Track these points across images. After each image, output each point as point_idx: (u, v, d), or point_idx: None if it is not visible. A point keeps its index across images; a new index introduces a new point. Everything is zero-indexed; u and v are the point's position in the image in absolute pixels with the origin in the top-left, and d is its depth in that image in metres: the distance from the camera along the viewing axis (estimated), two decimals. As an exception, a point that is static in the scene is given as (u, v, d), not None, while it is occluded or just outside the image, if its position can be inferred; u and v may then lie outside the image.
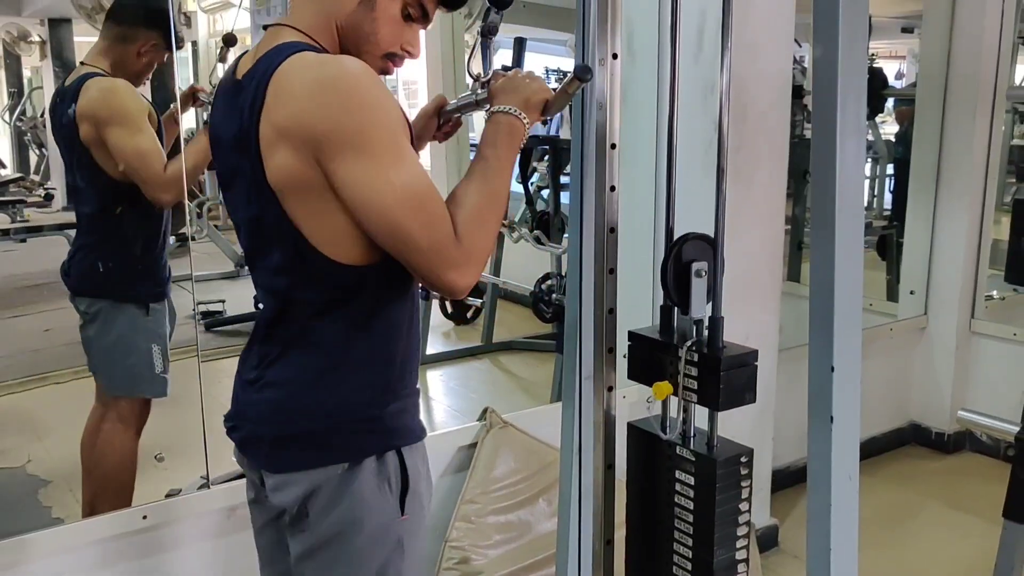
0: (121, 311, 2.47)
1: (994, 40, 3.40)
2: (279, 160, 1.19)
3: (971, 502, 3.25)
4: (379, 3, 1.28)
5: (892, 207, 5.11)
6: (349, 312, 1.28)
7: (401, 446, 1.34)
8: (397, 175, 1.18)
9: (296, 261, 1.26)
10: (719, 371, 1.45)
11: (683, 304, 1.51)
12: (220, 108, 1.33)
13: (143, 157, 2.35)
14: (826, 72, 1.32)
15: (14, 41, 6.80)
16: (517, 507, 2.44)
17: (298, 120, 1.17)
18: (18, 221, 5.68)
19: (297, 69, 1.18)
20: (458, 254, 1.21)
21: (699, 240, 1.51)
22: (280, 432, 1.32)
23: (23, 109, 7.25)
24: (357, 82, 1.17)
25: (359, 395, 1.31)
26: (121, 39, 2.43)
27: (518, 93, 1.34)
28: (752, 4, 2.36)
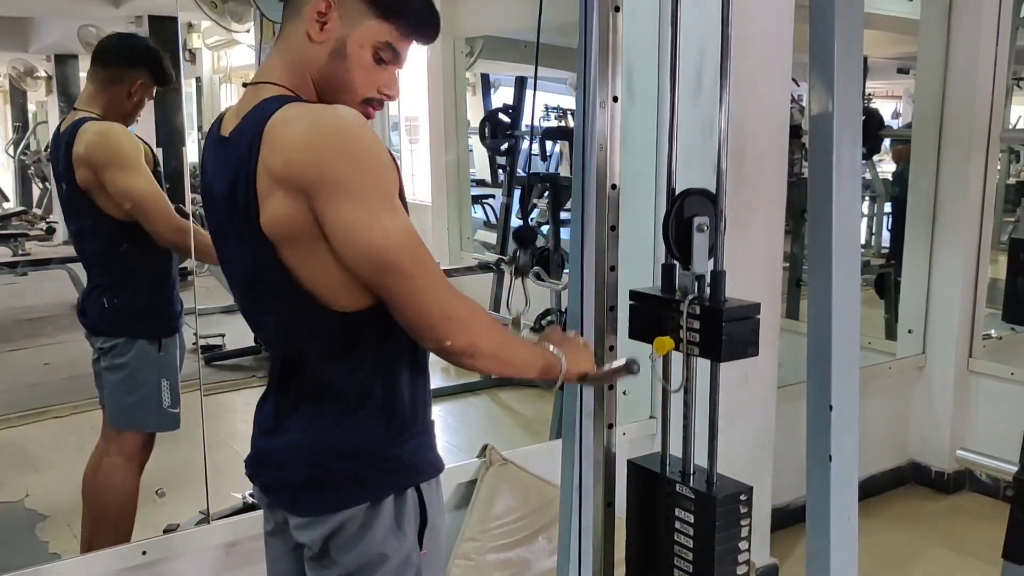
0: (134, 346, 2.48)
1: (988, 82, 3.45)
2: (273, 208, 1.20)
3: (971, 543, 3.24)
4: (350, 51, 1.28)
5: (890, 245, 5.15)
6: (355, 356, 1.30)
7: (420, 482, 1.36)
8: (390, 220, 1.19)
9: (295, 311, 1.28)
10: (721, 322, 1.45)
11: (685, 259, 1.52)
12: (210, 165, 1.34)
13: (142, 198, 2.35)
14: (823, 119, 1.35)
15: (20, 76, 6.89)
16: (517, 545, 2.43)
17: (292, 167, 1.18)
18: (20, 254, 5.71)
19: (291, 119, 1.20)
20: (452, 302, 1.22)
21: (700, 195, 1.52)
22: (303, 477, 1.33)
23: (27, 143, 7.32)
24: (351, 131, 1.19)
25: (376, 436, 1.32)
26: (110, 81, 2.46)
27: (571, 350, 1.41)
28: (750, 45, 2.40)
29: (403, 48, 1.33)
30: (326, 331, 1.28)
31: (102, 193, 2.38)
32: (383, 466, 1.33)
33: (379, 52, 1.30)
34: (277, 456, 1.38)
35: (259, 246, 1.24)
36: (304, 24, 1.28)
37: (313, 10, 1.27)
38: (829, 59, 1.33)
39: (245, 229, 1.24)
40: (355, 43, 1.28)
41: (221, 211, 1.31)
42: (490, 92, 7.96)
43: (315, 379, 1.32)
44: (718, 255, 1.50)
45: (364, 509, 1.31)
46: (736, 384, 2.49)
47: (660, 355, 1.53)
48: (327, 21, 1.27)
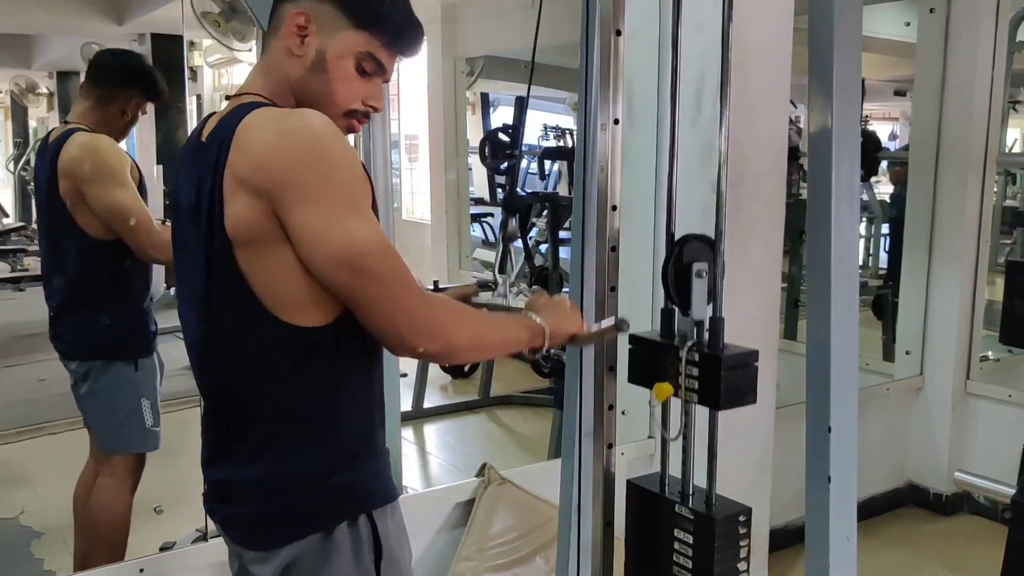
0: (110, 368, 2.46)
1: (984, 104, 3.48)
2: (237, 209, 1.18)
3: (969, 565, 3.23)
4: (330, 63, 1.27)
5: (888, 266, 5.16)
6: (305, 376, 1.26)
7: (372, 510, 1.32)
8: (356, 225, 1.17)
9: (247, 324, 1.24)
10: (720, 370, 1.45)
11: (684, 305, 1.52)
12: (182, 172, 1.32)
13: (128, 213, 2.33)
14: (821, 140, 1.36)
15: (22, 92, 6.92)
16: (514, 564, 2.43)
17: (257, 169, 1.17)
18: (18, 270, 5.72)
19: (258, 122, 1.20)
20: (419, 305, 1.20)
21: (699, 241, 1.53)
22: (255, 511, 1.31)
23: (27, 159, 7.34)
24: (318, 135, 1.18)
25: (327, 463, 1.29)
26: (104, 99, 2.46)
27: (555, 316, 1.39)
28: (749, 67, 2.42)
29: (386, 59, 1.32)
30: (277, 347, 1.24)
31: (82, 208, 2.35)
32: (334, 493, 1.29)
33: (361, 63, 1.29)
34: (227, 490, 1.34)
35: (218, 253, 1.21)
36: (284, 39, 1.28)
37: (292, 23, 1.27)
38: (828, 81, 1.34)
39: (206, 235, 1.22)
40: (335, 54, 1.27)
41: (186, 219, 1.28)
42: (489, 111, 8.01)
43: (260, 402, 1.28)
44: (717, 300, 1.51)
45: (318, 540, 1.28)
46: (734, 404, 2.49)
47: (659, 401, 1.53)
48: (306, 34, 1.27)
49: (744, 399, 1.49)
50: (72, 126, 2.43)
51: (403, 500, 2.43)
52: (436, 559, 2.43)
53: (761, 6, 2.45)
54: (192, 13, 3.66)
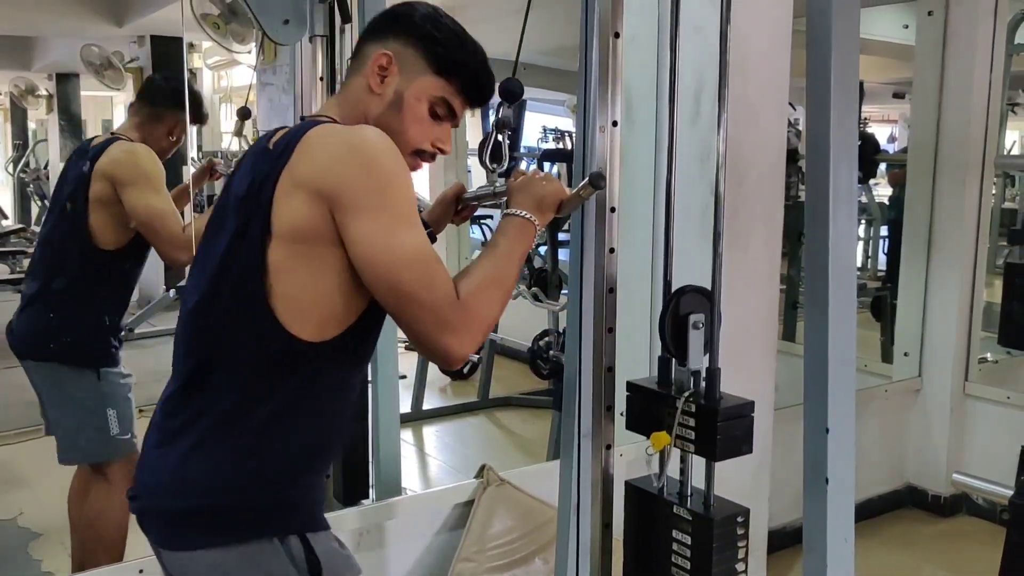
0: (72, 376, 2.47)
1: (983, 107, 3.49)
2: (291, 207, 1.23)
3: (967, 566, 3.23)
4: (406, 104, 1.35)
5: (886, 268, 5.17)
6: (282, 387, 1.27)
7: (305, 532, 1.30)
8: (407, 237, 1.22)
9: (247, 320, 1.25)
10: (716, 422, 1.46)
11: (681, 356, 1.54)
12: (240, 171, 1.37)
13: (163, 217, 2.41)
14: (819, 143, 1.36)
15: (22, 95, 6.92)
16: (513, 566, 2.43)
17: (320, 174, 1.22)
18: (18, 272, 5.72)
19: (325, 134, 1.27)
20: (457, 317, 1.22)
21: (696, 293, 1.54)
22: (182, 506, 1.28)
23: (27, 161, 7.34)
24: (380, 150, 1.24)
25: (268, 474, 1.28)
26: (153, 118, 2.57)
27: (533, 195, 1.41)
28: (748, 70, 2.42)
29: (458, 106, 1.39)
30: (266, 347, 1.25)
31: (104, 212, 2.41)
32: (269, 504, 1.28)
33: (435, 107, 1.37)
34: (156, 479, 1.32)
35: (252, 245, 1.24)
36: (365, 76, 1.36)
37: (375, 63, 1.35)
38: (825, 84, 1.35)
39: (243, 223, 1.25)
40: (412, 96, 1.35)
41: (230, 210, 1.31)
42: (489, 114, 8.01)
43: (225, 394, 1.27)
44: (713, 351, 1.52)
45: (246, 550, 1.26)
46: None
47: (657, 451, 1.54)
48: (387, 74, 1.35)
49: (740, 450, 1.51)
50: (118, 135, 2.53)
51: (403, 502, 2.46)
52: (435, 560, 2.43)
53: (759, 9, 2.45)
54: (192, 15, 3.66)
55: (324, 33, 2.37)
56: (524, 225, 1.38)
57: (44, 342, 2.45)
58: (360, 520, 2.30)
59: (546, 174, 1.47)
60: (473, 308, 1.25)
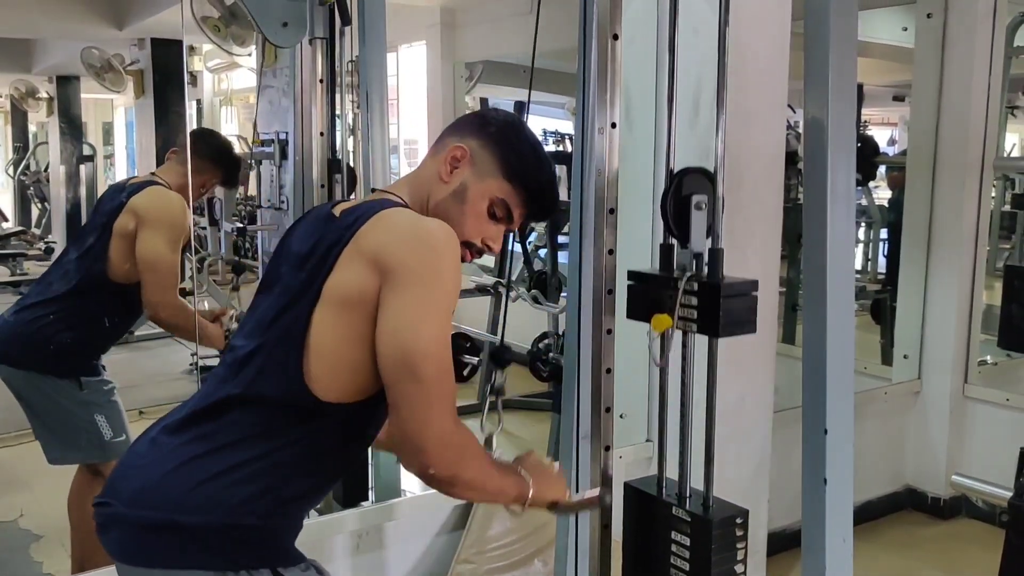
0: (53, 385, 2.50)
1: (982, 109, 3.49)
2: (347, 271, 1.29)
3: (967, 568, 3.23)
4: (469, 198, 1.41)
5: (886, 271, 5.17)
6: (289, 435, 1.31)
7: (280, 567, 1.31)
8: (441, 330, 1.27)
9: (278, 371, 1.30)
10: (719, 298, 1.45)
11: (683, 237, 1.52)
12: (301, 229, 1.44)
13: (165, 267, 2.47)
14: (817, 146, 1.37)
15: (22, 97, 6.93)
16: (513, 567, 2.43)
17: (382, 248, 1.28)
18: (18, 274, 5.72)
19: (399, 216, 1.34)
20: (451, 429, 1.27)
21: (698, 174, 1.53)
22: (150, 518, 1.27)
23: (27, 164, 7.34)
24: (445, 246, 1.30)
25: (247, 504, 1.28)
26: (194, 171, 2.63)
27: (541, 482, 1.45)
28: (747, 72, 2.43)
29: (516, 213, 1.45)
30: (289, 401, 1.30)
31: (121, 247, 2.48)
32: (240, 536, 1.28)
33: (494, 207, 1.43)
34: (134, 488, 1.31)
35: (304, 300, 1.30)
36: (438, 165, 1.43)
37: (450, 154, 1.42)
38: (823, 86, 1.36)
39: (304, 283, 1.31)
40: (476, 193, 1.42)
41: (291, 267, 1.37)
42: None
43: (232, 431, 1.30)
44: (716, 234, 1.51)
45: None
46: (733, 407, 2.50)
47: (658, 333, 1.53)
48: (459, 166, 1.42)
49: (743, 327, 1.48)
50: (157, 179, 2.62)
51: (402, 503, 2.46)
52: (435, 562, 2.43)
53: (758, 11, 2.46)
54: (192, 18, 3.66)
55: (324, 35, 2.38)
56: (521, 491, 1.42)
57: (24, 349, 2.48)
58: (360, 521, 2.30)
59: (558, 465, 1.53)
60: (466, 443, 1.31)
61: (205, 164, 2.65)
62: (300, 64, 2.41)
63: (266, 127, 5.32)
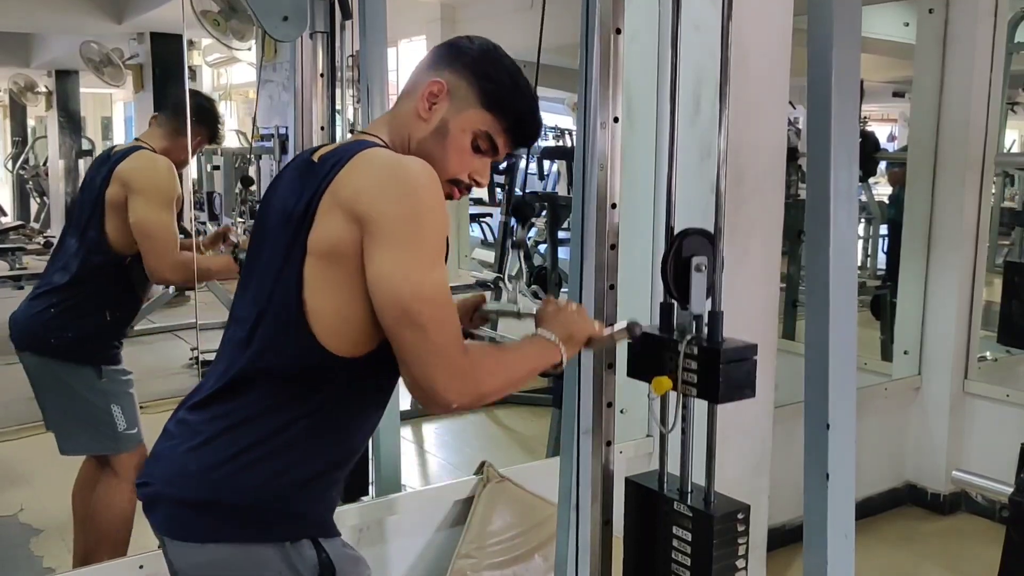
0: (73, 373, 2.49)
1: (983, 106, 3.49)
2: (327, 224, 1.25)
3: (967, 564, 3.24)
4: (451, 133, 1.37)
5: (886, 267, 5.17)
6: (312, 399, 1.30)
7: (320, 536, 1.32)
8: (431, 274, 1.23)
9: (287, 335, 1.28)
10: (719, 363, 1.45)
11: (683, 299, 1.52)
12: (285, 181, 1.40)
13: (162, 232, 2.44)
14: (820, 141, 1.36)
15: (21, 91, 6.92)
16: (513, 562, 2.43)
17: (358, 196, 1.24)
18: (17, 268, 5.71)
19: (374, 158, 1.29)
20: (460, 364, 1.23)
21: (699, 235, 1.53)
22: (193, 497, 1.29)
23: (26, 158, 7.34)
24: (423, 183, 1.26)
25: (284, 477, 1.30)
26: (174, 132, 2.61)
27: (565, 326, 1.42)
28: (748, 68, 2.42)
29: (501, 143, 1.40)
30: (306, 362, 1.28)
31: (116, 217, 2.45)
32: (282, 509, 1.30)
33: (477, 140, 1.39)
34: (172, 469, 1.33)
35: (295, 260, 1.27)
36: (416, 101, 1.38)
37: (427, 90, 1.37)
38: (827, 81, 1.35)
39: (290, 241, 1.28)
40: (457, 127, 1.37)
41: (275, 224, 1.34)
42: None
43: (255, 403, 1.30)
44: (716, 295, 1.51)
45: (257, 551, 1.28)
46: (733, 403, 2.50)
47: (658, 395, 1.53)
48: (437, 102, 1.37)
49: (743, 392, 1.49)
50: (141, 144, 2.58)
51: (403, 498, 2.46)
52: (435, 557, 2.43)
53: (760, 6, 2.45)
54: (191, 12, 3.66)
55: (324, 29, 2.37)
56: (550, 347, 1.39)
57: (45, 336, 2.47)
58: (360, 516, 2.30)
59: (579, 307, 1.49)
60: (477, 366, 1.27)
61: (193, 126, 2.62)
62: (300, 58, 2.40)
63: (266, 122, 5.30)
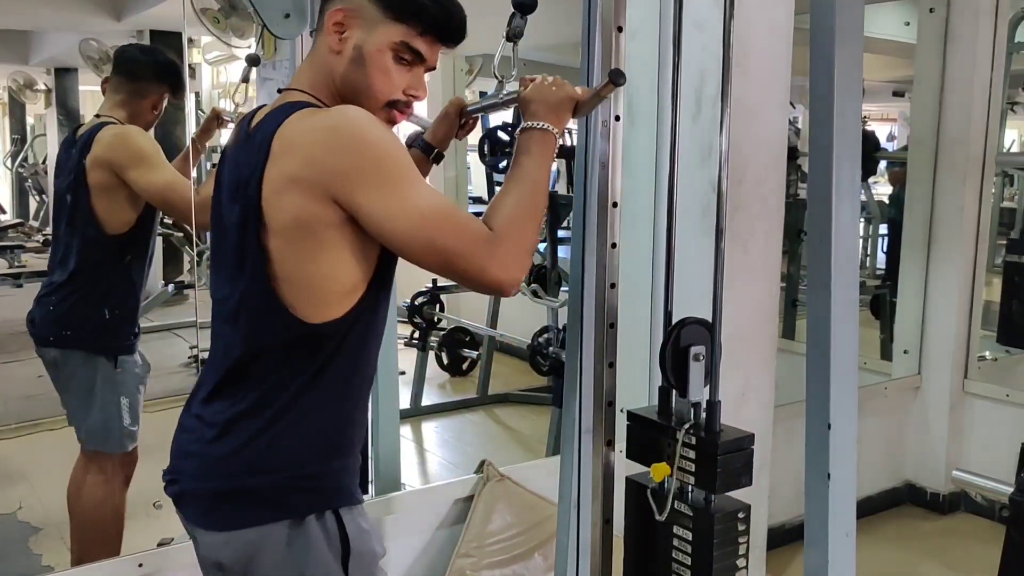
0: (91, 364, 2.48)
1: (983, 105, 3.49)
2: (286, 203, 1.22)
3: (966, 564, 3.24)
4: (368, 57, 1.32)
5: (886, 267, 5.17)
6: (303, 371, 1.29)
7: (339, 507, 1.33)
8: (418, 196, 1.22)
9: (262, 311, 1.28)
10: (716, 455, 1.47)
11: (681, 388, 1.53)
12: (230, 158, 1.37)
13: (173, 189, 2.38)
14: (822, 141, 1.36)
15: (20, 89, 6.91)
16: (513, 561, 2.43)
17: (311, 165, 1.21)
18: (16, 266, 5.71)
19: (301, 121, 1.25)
20: (496, 249, 1.23)
21: (697, 324, 1.54)
22: (218, 487, 1.31)
23: (25, 156, 7.33)
24: (359, 125, 1.23)
25: (299, 453, 1.31)
26: (136, 94, 2.52)
27: (546, 102, 1.39)
28: (749, 67, 2.42)
29: (425, 48, 1.34)
30: (286, 336, 1.28)
31: (106, 198, 2.40)
32: (302, 483, 1.31)
33: (399, 54, 1.33)
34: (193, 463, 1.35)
35: (252, 238, 1.25)
36: (326, 36, 1.34)
37: (330, 21, 1.33)
38: (829, 81, 1.35)
39: (241, 217, 1.27)
40: (372, 48, 1.32)
41: (227, 198, 1.33)
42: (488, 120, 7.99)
43: (254, 379, 1.31)
44: (714, 383, 1.52)
45: (286, 528, 1.29)
46: (734, 402, 2.50)
47: (657, 482, 1.54)
48: (345, 30, 1.32)
49: (740, 481, 1.50)
50: (103, 119, 2.48)
51: (402, 496, 2.45)
52: (435, 555, 2.43)
53: (762, 5, 2.45)
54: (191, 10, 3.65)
55: (325, 27, 2.36)
56: (543, 137, 1.36)
57: (62, 329, 2.46)
58: (360, 515, 2.29)
59: (555, 78, 1.44)
60: (509, 236, 1.25)
61: (147, 85, 2.52)
62: (301, 56, 2.40)
63: (266, 120, 5.26)
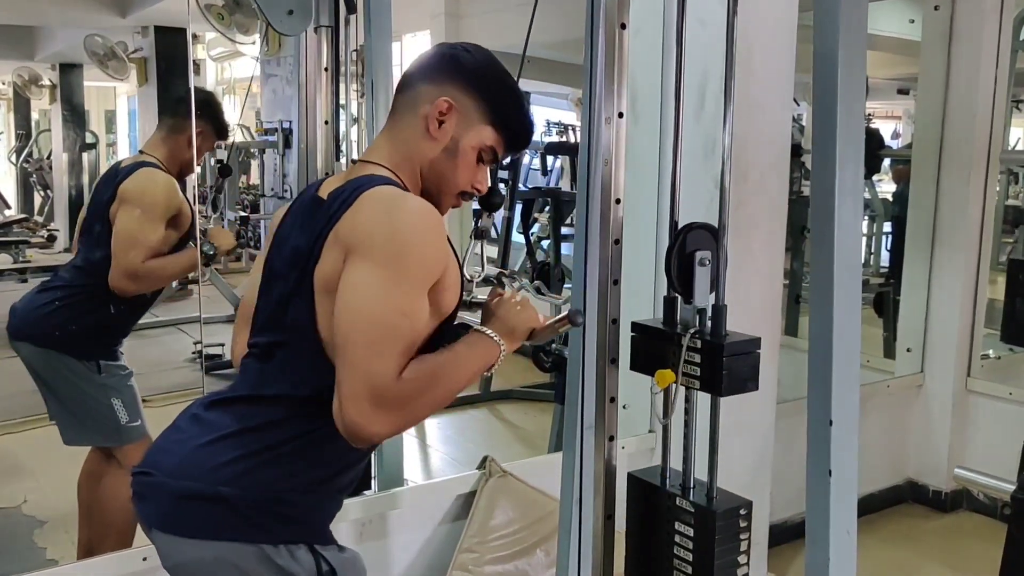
0: (72, 366, 2.51)
1: (988, 103, 3.48)
2: (328, 260, 1.28)
3: (968, 562, 3.24)
4: (461, 151, 1.40)
5: (889, 264, 5.16)
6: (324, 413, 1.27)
7: (316, 543, 1.34)
8: (393, 299, 1.23)
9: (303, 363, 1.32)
10: (722, 357, 1.46)
11: (686, 293, 1.53)
12: (294, 218, 1.43)
13: (133, 243, 2.44)
14: (826, 138, 1.36)
15: (25, 84, 6.92)
16: (515, 557, 2.43)
17: (354, 229, 1.27)
18: (20, 261, 5.73)
19: (377, 196, 1.30)
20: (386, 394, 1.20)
21: (702, 230, 1.53)
22: (194, 489, 1.31)
23: (30, 151, 7.34)
24: (414, 217, 1.28)
25: (291, 481, 1.32)
26: (174, 130, 2.59)
27: (506, 322, 1.43)
28: (753, 64, 2.42)
29: (501, 152, 1.45)
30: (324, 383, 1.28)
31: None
32: (286, 512, 1.32)
33: (482, 153, 1.42)
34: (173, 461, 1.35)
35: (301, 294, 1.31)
36: (422, 117, 1.39)
37: (435, 108, 1.38)
38: (832, 78, 1.35)
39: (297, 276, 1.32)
40: (468, 144, 1.40)
41: (287, 260, 1.37)
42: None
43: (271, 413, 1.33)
44: (720, 289, 1.52)
45: (258, 552, 1.28)
46: (736, 399, 2.50)
47: (661, 388, 1.54)
48: (445, 120, 1.38)
49: (746, 386, 1.49)
50: (144, 158, 2.58)
51: (405, 492, 2.46)
52: (438, 550, 2.43)
53: (765, 2, 2.45)
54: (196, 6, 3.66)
55: (329, 23, 2.37)
56: (490, 346, 1.40)
57: (47, 327, 2.49)
58: (362, 510, 2.30)
59: (523, 299, 1.49)
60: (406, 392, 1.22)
61: (183, 120, 2.59)
62: (305, 53, 2.40)
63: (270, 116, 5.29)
